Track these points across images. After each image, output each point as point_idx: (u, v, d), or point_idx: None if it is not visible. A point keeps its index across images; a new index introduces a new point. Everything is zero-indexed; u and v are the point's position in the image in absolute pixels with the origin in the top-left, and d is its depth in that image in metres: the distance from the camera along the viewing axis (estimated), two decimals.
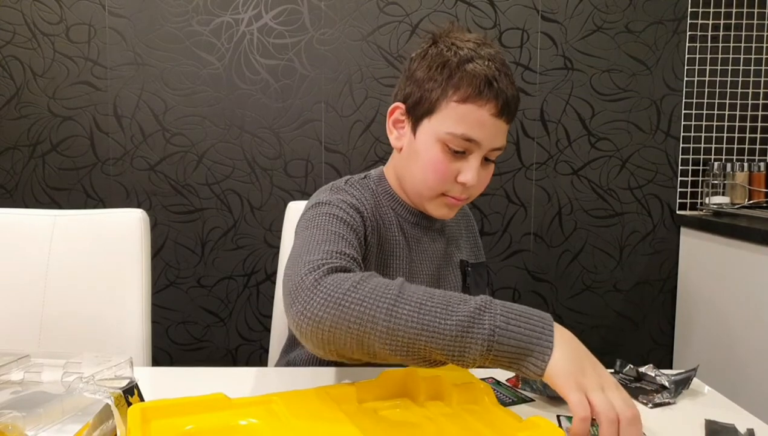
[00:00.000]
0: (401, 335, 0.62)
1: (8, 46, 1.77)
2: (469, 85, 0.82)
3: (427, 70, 0.86)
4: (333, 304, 0.63)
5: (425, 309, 0.62)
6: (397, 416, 0.63)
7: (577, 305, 1.89)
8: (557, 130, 1.85)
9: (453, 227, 1.03)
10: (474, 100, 0.82)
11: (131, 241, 1.12)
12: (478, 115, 0.82)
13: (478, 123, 0.83)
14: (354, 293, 0.64)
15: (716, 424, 0.68)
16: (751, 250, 1.51)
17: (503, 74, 0.84)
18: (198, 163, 1.81)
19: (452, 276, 0.99)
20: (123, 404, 0.59)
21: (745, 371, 1.53)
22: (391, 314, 0.62)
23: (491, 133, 0.84)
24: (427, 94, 0.86)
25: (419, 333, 0.61)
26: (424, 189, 0.88)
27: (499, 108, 0.82)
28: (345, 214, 0.83)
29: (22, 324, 1.11)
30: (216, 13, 1.77)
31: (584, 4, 1.81)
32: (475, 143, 0.83)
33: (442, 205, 0.89)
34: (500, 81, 0.83)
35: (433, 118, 0.86)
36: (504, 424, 0.59)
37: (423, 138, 0.87)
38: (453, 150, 0.84)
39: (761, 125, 1.86)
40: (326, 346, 0.65)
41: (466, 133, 0.83)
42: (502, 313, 0.62)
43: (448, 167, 0.85)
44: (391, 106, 0.92)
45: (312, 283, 0.66)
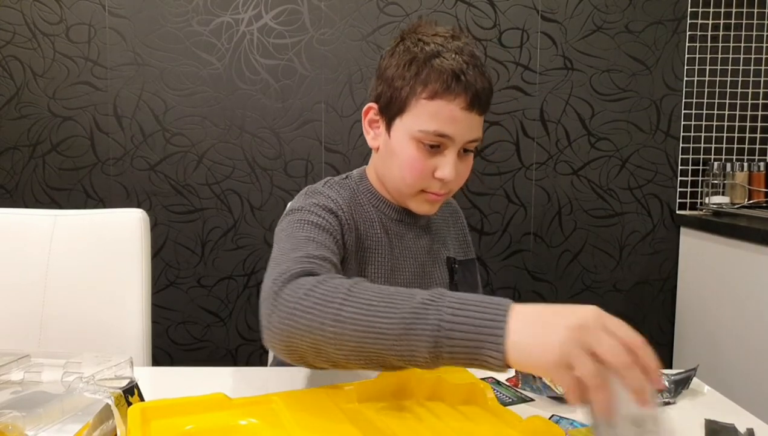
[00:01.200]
0: (347, 338, 0.58)
1: (8, 46, 1.77)
2: (437, 80, 0.82)
3: (395, 68, 0.87)
4: (287, 314, 0.62)
5: (369, 309, 0.58)
6: (397, 416, 0.63)
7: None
8: (557, 130, 1.85)
9: (440, 224, 1.02)
10: (443, 95, 0.82)
11: (131, 241, 1.12)
12: (448, 111, 0.82)
13: (449, 118, 0.82)
14: (306, 300, 0.62)
15: (716, 424, 0.68)
16: (751, 250, 1.51)
17: (472, 66, 0.83)
18: (198, 163, 1.81)
19: (438, 273, 0.98)
20: (123, 404, 0.59)
21: (745, 371, 1.53)
22: (337, 318, 0.59)
23: (464, 127, 0.83)
24: (397, 92, 0.86)
25: (365, 335, 0.57)
26: (403, 187, 0.88)
27: (469, 101, 0.82)
28: (317, 218, 0.82)
29: (22, 324, 1.11)
30: (216, 13, 1.77)
31: (584, 4, 1.81)
32: (449, 138, 0.83)
33: (423, 202, 0.89)
34: (468, 74, 0.82)
35: (404, 116, 0.85)
36: (504, 424, 0.59)
37: (397, 137, 0.87)
38: (428, 146, 0.84)
39: (761, 125, 1.86)
40: (290, 356, 0.64)
41: (438, 130, 0.82)
42: (450, 305, 0.55)
43: (424, 164, 0.85)
44: (366, 107, 0.92)
45: (272, 295, 0.65)
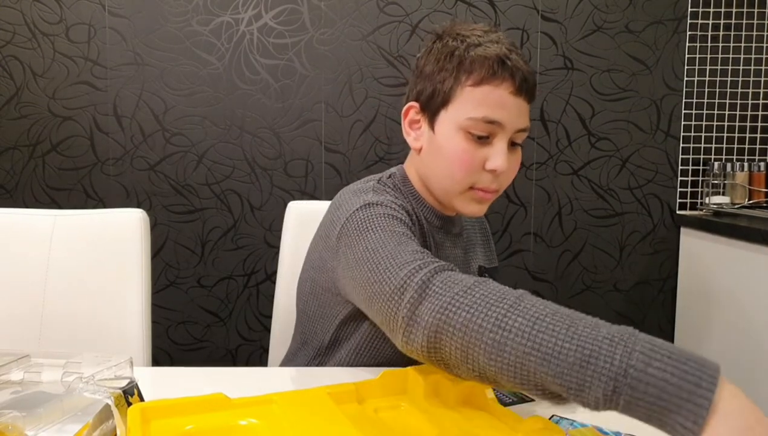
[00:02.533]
0: (509, 350, 0.54)
1: (8, 46, 1.77)
2: (481, 66, 0.79)
3: (435, 63, 0.84)
4: (440, 308, 0.59)
5: (542, 325, 0.53)
6: (397, 416, 0.63)
7: (577, 305, 1.89)
8: (557, 130, 1.85)
9: (470, 231, 1.00)
10: (489, 80, 0.79)
11: (131, 241, 1.12)
12: (496, 96, 0.79)
13: (498, 103, 0.79)
14: (465, 297, 0.58)
15: None
16: (751, 250, 1.51)
17: (515, 53, 0.81)
18: (198, 163, 1.81)
19: None
20: (123, 404, 0.59)
21: (745, 370, 1.54)
22: (500, 325, 0.55)
23: (513, 113, 0.81)
24: (440, 85, 0.82)
25: (529, 352, 0.53)
26: (452, 184, 0.83)
27: (517, 85, 0.80)
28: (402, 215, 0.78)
29: (22, 324, 1.11)
30: (216, 13, 1.77)
31: (584, 4, 1.81)
32: (499, 125, 0.80)
33: (471, 201, 0.84)
34: (513, 59, 0.80)
35: (450, 107, 0.82)
36: (504, 424, 0.59)
37: (443, 130, 0.83)
38: (476, 136, 0.80)
39: (761, 125, 1.86)
40: (432, 355, 0.61)
41: (487, 116, 0.79)
42: (642, 350, 0.49)
43: (474, 156, 0.81)
44: (405, 108, 0.89)
45: (419, 285, 0.62)
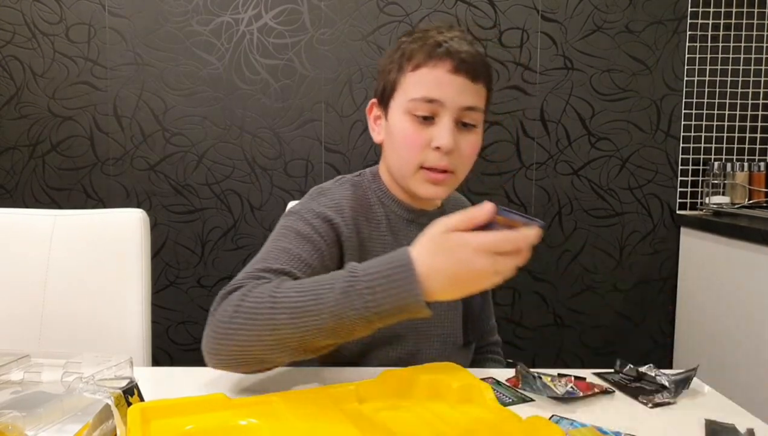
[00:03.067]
0: (288, 341, 0.65)
1: (8, 46, 1.77)
2: (420, 52, 0.85)
3: (387, 60, 0.90)
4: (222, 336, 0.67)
5: (301, 311, 0.64)
6: (397, 416, 0.63)
7: (577, 305, 1.89)
8: (557, 130, 1.85)
9: None
10: (426, 63, 0.84)
11: (131, 241, 1.12)
12: (433, 76, 0.84)
13: (435, 82, 0.83)
14: (237, 318, 0.67)
15: (716, 424, 0.68)
16: (751, 250, 1.51)
17: (458, 39, 0.85)
18: (198, 163, 1.81)
19: None
20: (123, 404, 0.59)
21: (745, 371, 1.53)
22: (273, 327, 0.65)
23: (453, 91, 0.84)
24: (388, 77, 0.89)
25: (303, 334, 0.64)
26: (403, 165, 0.88)
27: (455, 65, 0.83)
28: (306, 226, 0.83)
29: (22, 324, 1.11)
30: (216, 13, 1.77)
31: (584, 4, 1.81)
32: (439, 103, 0.84)
33: (424, 181, 0.87)
34: (452, 43, 0.84)
35: (396, 95, 0.87)
36: (504, 424, 0.59)
37: (393, 118, 0.88)
38: (421, 118, 0.84)
39: (761, 125, 1.86)
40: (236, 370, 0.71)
41: (426, 95, 0.83)
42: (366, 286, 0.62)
43: (419, 135, 0.85)
44: (368, 105, 0.95)
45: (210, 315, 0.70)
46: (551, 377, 0.79)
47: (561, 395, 0.74)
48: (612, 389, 0.78)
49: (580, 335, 1.88)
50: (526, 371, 0.78)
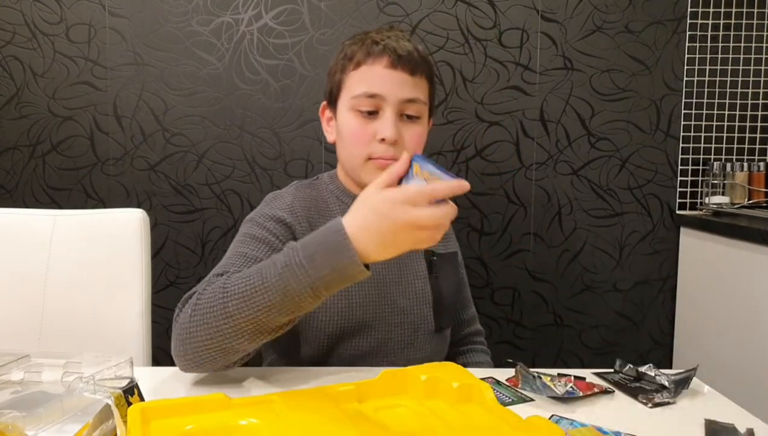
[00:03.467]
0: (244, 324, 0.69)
1: (8, 46, 1.77)
2: (359, 51, 0.91)
3: (332, 62, 0.97)
4: (184, 337, 0.72)
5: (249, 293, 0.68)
6: (397, 416, 0.63)
7: (577, 305, 1.89)
8: (557, 130, 1.85)
9: None
10: (365, 61, 0.90)
11: (131, 241, 1.12)
12: (372, 72, 0.89)
13: (375, 78, 0.89)
14: (195, 317, 0.71)
15: (716, 424, 0.68)
16: (751, 250, 1.51)
17: (395, 37, 0.91)
18: (198, 163, 1.81)
19: (415, 265, 1.00)
20: (123, 404, 0.59)
21: (745, 371, 1.54)
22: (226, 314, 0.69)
23: (392, 84, 0.89)
24: (334, 78, 0.95)
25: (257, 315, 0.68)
26: (353, 159, 0.93)
27: (392, 60, 0.88)
28: (261, 230, 0.89)
29: (22, 324, 1.11)
30: (216, 13, 1.77)
31: (584, 4, 1.81)
32: (380, 97, 0.89)
33: (374, 170, 0.91)
34: (389, 41, 0.90)
35: (342, 95, 0.93)
36: (504, 424, 0.59)
37: (340, 116, 0.94)
38: (365, 113, 0.90)
39: (761, 125, 1.86)
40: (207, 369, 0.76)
41: (366, 90, 0.89)
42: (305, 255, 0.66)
43: (364, 129, 0.90)
44: (320, 108, 1.01)
45: (174, 322, 0.76)
46: (551, 376, 0.79)
47: (561, 394, 0.74)
48: (612, 389, 0.78)
49: (580, 335, 1.88)
50: (526, 371, 0.78)
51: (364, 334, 0.94)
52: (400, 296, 0.97)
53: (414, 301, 0.98)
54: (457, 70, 1.81)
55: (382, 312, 0.95)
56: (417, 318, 0.98)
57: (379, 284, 0.96)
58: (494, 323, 1.88)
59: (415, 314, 0.97)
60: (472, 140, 1.83)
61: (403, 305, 0.97)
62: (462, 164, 1.83)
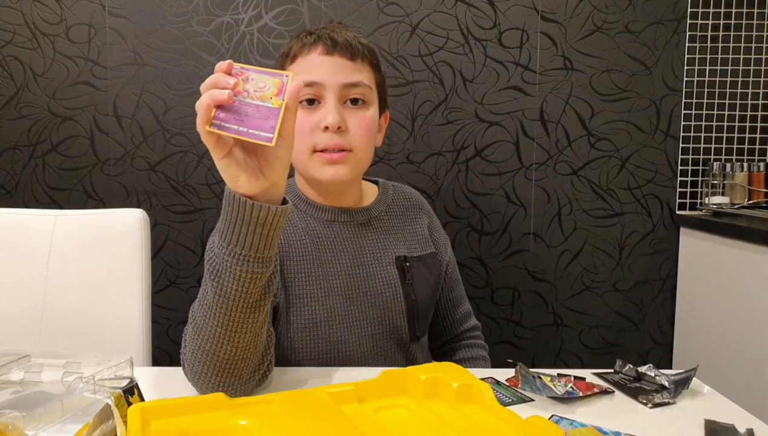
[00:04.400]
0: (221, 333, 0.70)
1: (8, 46, 1.77)
2: (294, 45, 0.90)
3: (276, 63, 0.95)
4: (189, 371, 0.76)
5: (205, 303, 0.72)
6: (397, 416, 0.63)
7: (577, 305, 1.89)
8: (557, 130, 1.85)
9: (389, 220, 0.99)
10: (300, 51, 0.89)
11: (131, 241, 1.12)
12: (308, 61, 0.88)
13: (311, 66, 0.87)
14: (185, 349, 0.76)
15: (716, 424, 0.68)
16: (751, 250, 1.51)
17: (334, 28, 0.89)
18: (198, 163, 1.81)
19: (384, 273, 0.95)
20: (123, 404, 0.59)
21: (745, 371, 1.54)
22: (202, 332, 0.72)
23: (329, 70, 0.86)
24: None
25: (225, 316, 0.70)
26: (298, 154, 0.89)
27: (327, 47, 0.87)
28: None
29: (22, 324, 1.11)
30: (216, 14, 1.77)
31: (584, 4, 1.81)
32: (319, 85, 0.86)
33: (321, 165, 0.88)
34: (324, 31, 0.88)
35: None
36: (504, 424, 0.59)
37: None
38: (306, 102, 0.87)
39: (761, 125, 1.86)
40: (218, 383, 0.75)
41: (305, 79, 0.85)
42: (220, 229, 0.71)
43: (306, 120, 0.87)
44: None
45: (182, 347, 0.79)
46: (551, 377, 0.79)
47: (561, 395, 0.74)
48: (612, 389, 0.78)
49: (580, 335, 1.88)
50: (525, 371, 0.78)
51: (335, 350, 0.90)
52: (369, 307, 0.93)
53: (385, 311, 0.94)
54: (457, 70, 1.81)
55: (351, 326, 0.91)
56: (389, 329, 0.94)
57: (346, 296, 0.92)
58: (494, 323, 1.88)
59: (386, 326, 0.94)
60: (472, 140, 1.83)
61: (372, 316, 0.93)
62: (462, 164, 1.83)
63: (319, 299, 0.90)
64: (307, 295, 0.90)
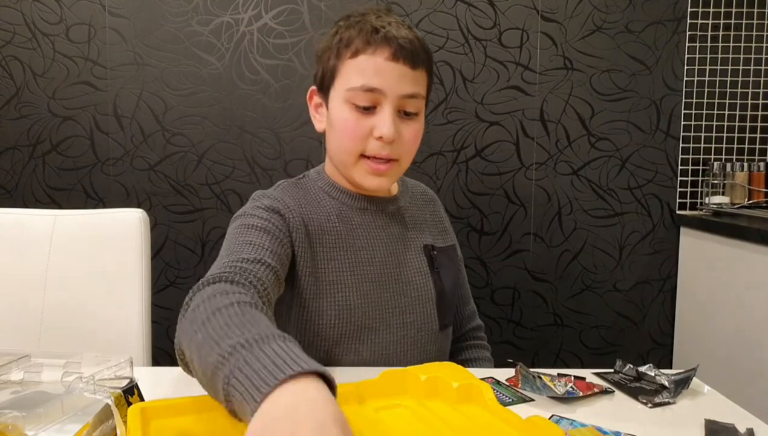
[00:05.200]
0: (195, 367, 0.56)
1: (8, 46, 1.77)
2: (357, 38, 0.84)
3: (324, 45, 0.89)
4: (183, 325, 0.62)
5: (208, 341, 0.54)
6: (397, 416, 0.63)
7: (577, 305, 1.89)
8: (557, 130, 1.85)
9: (414, 211, 1.00)
10: (364, 50, 0.83)
11: (131, 241, 1.12)
12: (372, 63, 0.83)
13: (374, 71, 0.83)
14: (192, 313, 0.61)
15: (716, 424, 0.68)
16: (751, 250, 1.51)
17: (396, 24, 0.84)
18: (198, 163, 1.81)
19: (414, 261, 0.95)
20: (123, 404, 0.59)
21: (745, 371, 1.54)
22: (191, 341, 0.57)
23: (392, 79, 0.83)
24: (327, 64, 0.87)
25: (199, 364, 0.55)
26: (344, 155, 0.87)
27: (393, 51, 0.82)
28: (258, 220, 0.83)
29: (22, 324, 1.11)
30: (216, 13, 1.77)
31: (584, 4, 1.81)
32: (379, 92, 0.83)
33: (366, 173, 0.87)
34: (390, 28, 0.83)
35: (336, 83, 0.86)
36: (504, 424, 0.59)
37: (334, 106, 0.87)
38: (362, 107, 0.84)
39: (761, 125, 1.86)
40: (184, 364, 0.63)
41: (365, 84, 0.82)
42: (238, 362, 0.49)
43: (359, 125, 0.84)
44: (308, 93, 0.95)
45: (185, 303, 0.66)
46: (551, 376, 0.79)
47: (561, 395, 0.74)
48: (612, 389, 0.78)
49: (580, 335, 1.88)
50: (526, 371, 0.78)
51: (365, 338, 0.90)
52: (401, 294, 0.93)
53: (416, 299, 0.94)
54: (457, 70, 1.81)
55: (383, 314, 0.91)
56: (420, 317, 0.94)
57: (378, 283, 0.91)
58: (494, 323, 1.88)
59: (417, 314, 0.93)
60: (472, 140, 1.83)
61: (404, 304, 0.92)
62: (462, 164, 1.83)
63: (353, 285, 0.89)
64: (339, 281, 0.89)
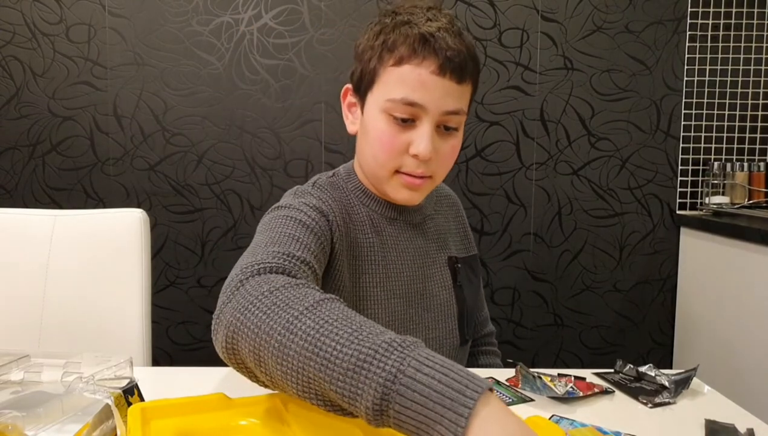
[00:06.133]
0: (292, 354, 0.49)
1: (8, 46, 1.77)
2: (402, 44, 0.75)
3: (366, 42, 0.81)
4: (242, 307, 0.55)
5: (328, 329, 0.49)
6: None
7: (577, 305, 1.89)
8: (557, 130, 1.85)
9: (439, 220, 0.95)
10: (409, 59, 0.75)
11: (131, 241, 1.12)
12: (416, 75, 0.75)
13: (418, 84, 0.75)
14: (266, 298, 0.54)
15: (716, 424, 0.68)
16: (751, 250, 1.51)
17: (444, 30, 0.76)
18: (198, 163, 1.81)
19: (439, 276, 0.91)
20: (123, 404, 0.59)
21: (745, 371, 1.54)
22: (289, 328, 0.50)
23: (436, 95, 0.75)
24: (367, 65, 0.79)
25: (311, 356, 0.48)
26: (377, 168, 0.81)
27: (440, 64, 0.74)
28: (305, 217, 0.75)
29: (22, 324, 1.11)
30: (216, 13, 1.77)
31: (584, 4, 1.81)
32: (420, 107, 0.75)
33: (400, 187, 0.81)
34: (439, 38, 0.75)
35: (374, 88, 0.79)
36: None
37: (369, 113, 0.80)
38: (400, 120, 0.76)
39: (761, 125, 1.86)
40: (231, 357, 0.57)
41: (406, 97, 0.75)
42: (418, 357, 0.45)
43: (396, 139, 0.77)
44: (343, 89, 0.86)
45: (236, 284, 0.59)
46: (551, 377, 0.79)
47: (561, 395, 0.74)
48: (612, 389, 0.78)
49: (580, 335, 1.88)
50: (526, 371, 0.78)
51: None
52: (425, 310, 0.88)
53: (439, 314, 0.89)
54: None
55: (407, 330, 0.85)
56: (442, 333, 0.89)
57: (405, 299, 0.86)
58: (494, 323, 1.87)
59: (440, 329, 0.89)
60: (472, 140, 1.83)
61: (428, 320, 0.88)
62: (462, 164, 1.83)
63: (382, 302, 0.84)
64: (369, 296, 0.84)
